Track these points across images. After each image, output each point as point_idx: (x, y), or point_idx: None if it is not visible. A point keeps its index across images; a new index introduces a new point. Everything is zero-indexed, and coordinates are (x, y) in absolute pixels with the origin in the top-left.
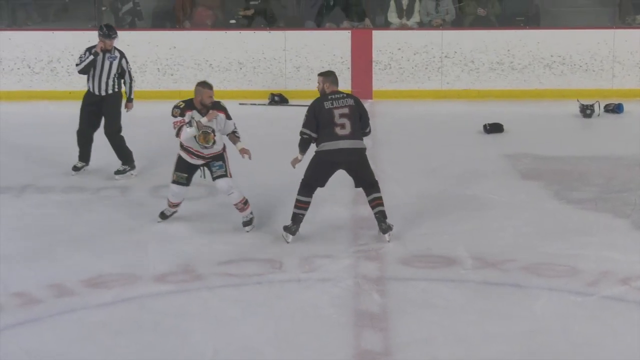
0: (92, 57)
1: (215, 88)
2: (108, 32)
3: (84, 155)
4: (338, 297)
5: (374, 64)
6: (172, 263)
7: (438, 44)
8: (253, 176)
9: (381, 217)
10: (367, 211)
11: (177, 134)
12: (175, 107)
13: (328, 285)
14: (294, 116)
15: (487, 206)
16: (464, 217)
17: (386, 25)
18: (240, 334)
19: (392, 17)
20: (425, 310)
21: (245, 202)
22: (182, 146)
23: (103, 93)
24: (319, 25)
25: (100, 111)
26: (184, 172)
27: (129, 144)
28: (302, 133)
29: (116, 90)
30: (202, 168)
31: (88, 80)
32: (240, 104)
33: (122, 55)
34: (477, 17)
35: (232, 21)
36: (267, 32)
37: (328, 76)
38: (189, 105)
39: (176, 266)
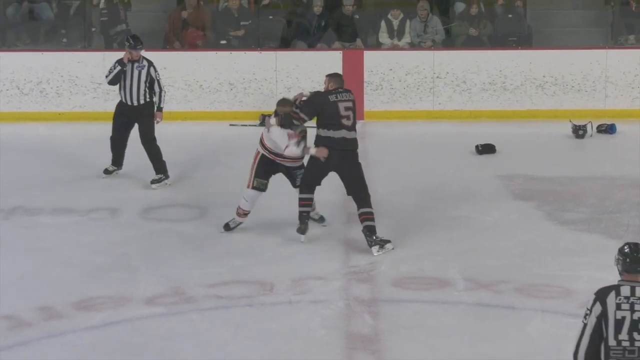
0: (119, 67)
1: (205, 109)
2: (134, 44)
3: (117, 159)
4: (329, 319)
5: (365, 84)
6: (162, 285)
7: (430, 65)
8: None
9: (367, 232)
10: (358, 233)
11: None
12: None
13: (319, 307)
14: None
15: (479, 227)
16: (457, 238)
17: (377, 46)
18: (231, 356)
19: (383, 37)
20: (417, 333)
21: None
22: (264, 146)
23: (135, 103)
24: (310, 46)
25: (132, 121)
26: (264, 178)
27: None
28: (294, 112)
29: (148, 100)
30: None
31: (120, 90)
32: (230, 124)
33: (151, 64)
34: (469, 37)
35: (223, 42)
36: (258, 52)
37: (334, 77)
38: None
39: (166, 288)
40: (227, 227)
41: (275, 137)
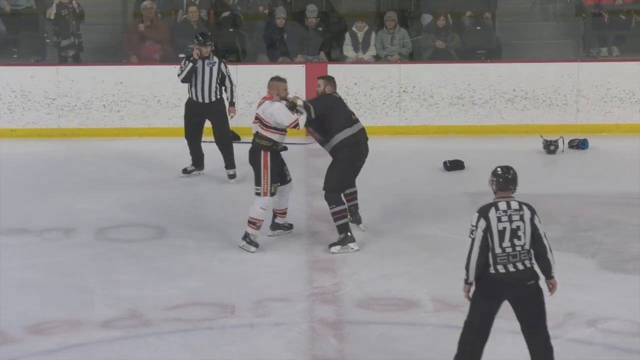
0: (191, 64)
1: (164, 125)
2: (203, 40)
3: (197, 160)
4: (293, 342)
5: None
6: (119, 308)
7: (396, 78)
8: (206, 213)
9: (355, 209)
10: (323, 253)
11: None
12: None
13: (283, 329)
14: (246, 154)
15: (448, 246)
16: (424, 258)
17: (342, 59)
18: None
19: (348, 50)
20: (384, 356)
21: None
22: (273, 148)
23: (207, 100)
24: (272, 59)
25: (204, 119)
26: (276, 181)
27: (72, 181)
28: (307, 107)
29: (219, 97)
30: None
31: (191, 87)
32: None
33: (221, 59)
34: (436, 50)
35: (181, 55)
36: None
37: (330, 80)
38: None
39: (123, 311)
40: (256, 245)
41: (280, 111)
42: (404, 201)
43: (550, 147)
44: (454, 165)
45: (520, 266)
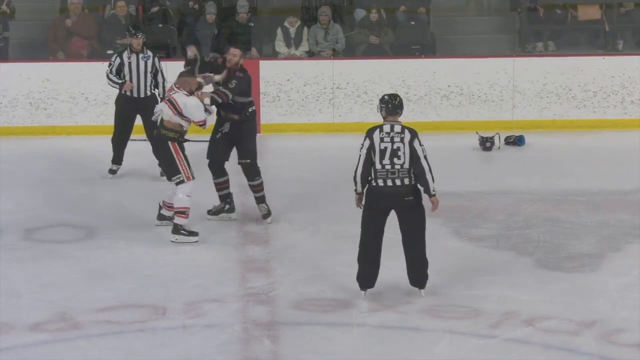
0: (119, 60)
1: (92, 123)
2: (135, 32)
3: (119, 157)
4: (226, 344)
5: (261, 95)
6: (48, 310)
7: (329, 75)
8: (135, 212)
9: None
10: (256, 252)
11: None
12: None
13: (215, 331)
14: None
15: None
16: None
17: (274, 55)
18: None
19: (280, 46)
20: (319, 357)
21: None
22: (180, 140)
23: (141, 95)
24: (203, 56)
25: (136, 114)
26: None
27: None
28: (224, 96)
29: (152, 92)
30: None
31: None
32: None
33: (155, 54)
34: (370, 45)
35: (110, 51)
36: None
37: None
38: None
39: (52, 314)
40: (194, 234)
41: (196, 107)
42: (338, 199)
43: (486, 143)
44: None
45: (398, 182)
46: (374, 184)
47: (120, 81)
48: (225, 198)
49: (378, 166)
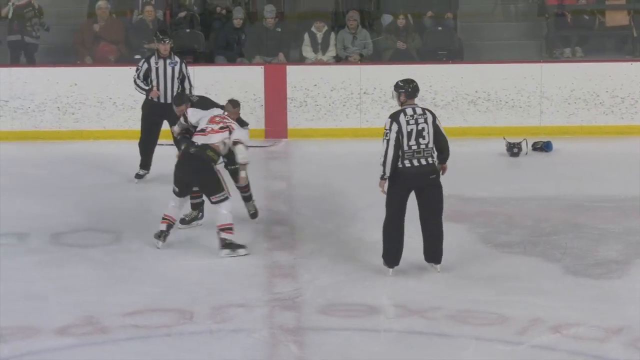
0: (146, 64)
1: (120, 127)
2: (162, 37)
3: (147, 162)
4: (252, 349)
5: (288, 101)
6: (74, 314)
7: (356, 80)
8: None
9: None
10: (282, 257)
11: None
12: None
13: (241, 336)
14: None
15: (409, 250)
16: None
17: (301, 60)
18: None
19: (307, 51)
20: None
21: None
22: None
23: (169, 100)
24: (230, 61)
25: (162, 119)
26: None
27: (25, 184)
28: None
29: None
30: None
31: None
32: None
33: (182, 59)
34: (397, 51)
35: (137, 56)
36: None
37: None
38: None
39: (78, 318)
40: (242, 246)
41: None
42: (364, 205)
43: (513, 149)
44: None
45: (423, 161)
46: (400, 165)
47: (147, 87)
48: (199, 206)
49: (405, 148)
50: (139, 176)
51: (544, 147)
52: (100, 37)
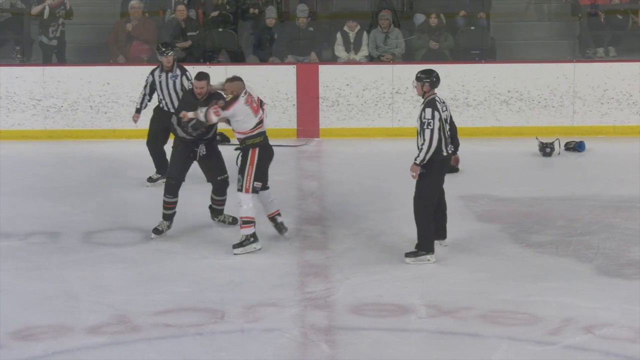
0: (152, 79)
1: None
2: (165, 50)
3: (161, 166)
4: (284, 348)
5: (320, 100)
6: (106, 313)
7: (388, 79)
8: (192, 216)
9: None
10: (314, 257)
11: None
12: None
13: (273, 335)
14: (236, 156)
15: (441, 250)
16: (417, 263)
17: (333, 60)
18: None
19: (339, 50)
20: None
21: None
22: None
23: (172, 111)
24: (263, 60)
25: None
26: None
27: (58, 183)
28: None
29: None
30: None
31: (159, 97)
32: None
33: (184, 72)
34: (430, 50)
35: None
36: (207, 66)
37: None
38: None
39: (110, 316)
40: (255, 240)
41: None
42: (397, 204)
43: (546, 149)
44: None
45: (450, 149)
46: (445, 153)
47: (137, 107)
48: (172, 217)
49: (444, 135)
50: (150, 180)
51: (576, 147)
52: (132, 37)
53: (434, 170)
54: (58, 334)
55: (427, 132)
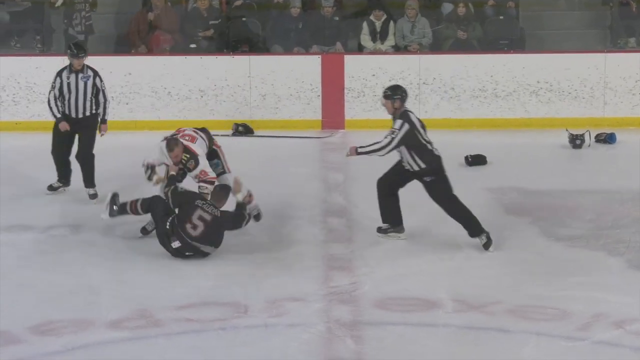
0: (59, 80)
1: (174, 117)
2: (76, 52)
3: (63, 175)
4: (308, 343)
5: (346, 91)
6: (127, 308)
7: (415, 70)
8: None
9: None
10: (339, 250)
11: None
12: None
13: (297, 330)
14: (260, 148)
15: (468, 244)
16: (444, 256)
17: (359, 50)
18: None
19: (365, 40)
20: (403, 358)
21: None
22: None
23: (80, 115)
24: (287, 50)
25: (74, 133)
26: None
27: (79, 175)
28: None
29: (93, 112)
30: None
31: (63, 102)
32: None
33: (96, 73)
34: (457, 40)
35: (193, 45)
36: (231, 57)
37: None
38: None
39: (131, 311)
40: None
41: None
42: (423, 197)
43: (576, 141)
44: (476, 160)
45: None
46: (437, 153)
47: (58, 115)
48: (124, 212)
49: (426, 139)
50: (51, 187)
51: (607, 138)
52: (155, 26)
53: (441, 171)
54: (78, 329)
55: (388, 138)
